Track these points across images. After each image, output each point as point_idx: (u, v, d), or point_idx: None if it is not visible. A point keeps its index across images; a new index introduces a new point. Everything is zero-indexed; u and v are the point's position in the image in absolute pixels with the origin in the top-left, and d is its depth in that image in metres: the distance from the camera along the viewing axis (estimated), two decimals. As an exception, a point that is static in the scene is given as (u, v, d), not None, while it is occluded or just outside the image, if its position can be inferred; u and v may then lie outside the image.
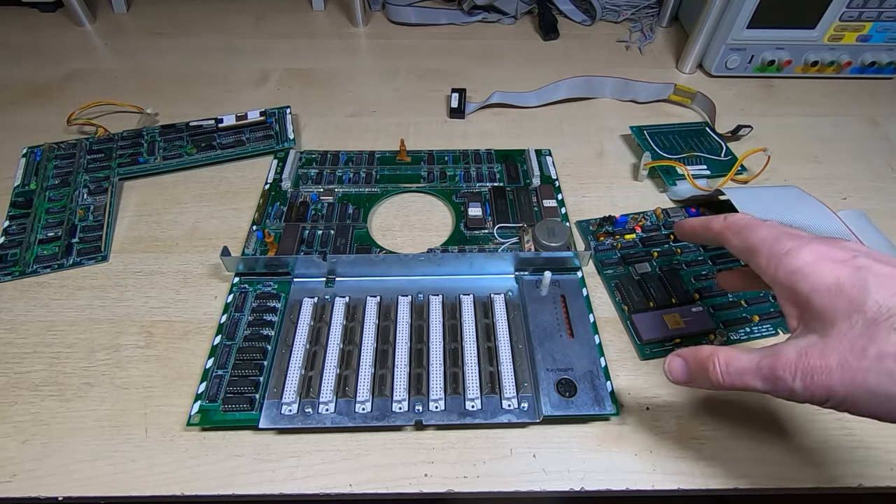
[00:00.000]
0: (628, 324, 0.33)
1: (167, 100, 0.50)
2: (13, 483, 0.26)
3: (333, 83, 0.53)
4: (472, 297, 0.33)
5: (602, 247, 0.37)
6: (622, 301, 0.34)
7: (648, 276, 0.34)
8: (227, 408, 0.28)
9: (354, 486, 0.26)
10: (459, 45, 0.59)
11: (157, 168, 0.42)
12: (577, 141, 0.47)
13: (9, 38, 0.58)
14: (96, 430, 0.28)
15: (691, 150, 0.43)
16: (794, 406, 0.29)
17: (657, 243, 0.37)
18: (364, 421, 0.28)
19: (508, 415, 0.28)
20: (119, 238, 0.38)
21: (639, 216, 0.39)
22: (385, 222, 0.39)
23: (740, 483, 0.27)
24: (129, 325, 0.33)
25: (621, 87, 0.50)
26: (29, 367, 0.31)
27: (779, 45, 0.51)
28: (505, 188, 0.41)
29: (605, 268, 0.36)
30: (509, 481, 0.27)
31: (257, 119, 0.45)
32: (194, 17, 0.62)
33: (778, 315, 0.33)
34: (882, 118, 0.49)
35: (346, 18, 0.62)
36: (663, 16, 0.61)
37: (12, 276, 0.35)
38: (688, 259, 0.36)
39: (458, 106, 0.48)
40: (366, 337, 0.31)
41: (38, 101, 0.50)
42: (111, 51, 0.57)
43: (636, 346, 0.32)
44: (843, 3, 0.47)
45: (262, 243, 0.37)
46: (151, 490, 0.26)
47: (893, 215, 0.40)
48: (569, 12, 0.63)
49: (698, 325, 0.32)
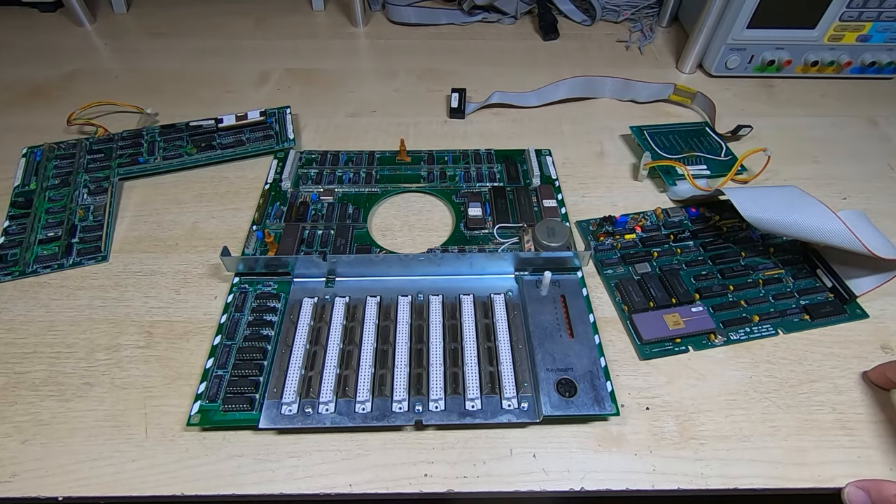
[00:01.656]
0: (628, 324, 0.33)
1: (167, 100, 0.50)
2: (13, 483, 0.26)
3: (333, 83, 0.53)
4: (472, 297, 0.33)
5: (602, 247, 0.37)
6: (622, 301, 0.34)
7: (648, 276, 0.34)
8: (227, 408, 0.28)
9: (354, 486, 0.26)
10: (459, 45, 0.59)
11: (157, 168, 0.42)
12: (577, 141, 0.46)
13: (9, 38, 0.58)
14: (96, 430, 0.28)
15: (691, 150, 0.43)
16: (793, 406, 0.29)
17: (657, 243, 0.37)
18: (364, 421, 0.28)
19: (508, 415, 0.28)
20: (119, 238, 0.38)
21: (639, 216, 0.39)
22: (385, 222, 0.39)
23: (740, 483, 0.27)
24: (129, 325, 0.33)
25: (621, 87, 0.50)
26: (29, 367, 0.31)
27: (779, 45, 0.51)
28: (505, 188, 0.41)
29: (605, 268, 0.36)
30: (509, 481, 0.27)
31: (257, 119, 0.45)
32: (194, 17, 0.62)
33: (778, 315, 0.33)
34: (882, 118, 0.49)
35: (346, 18, 0.62)
36: (663, 16, 0.61)
37: (12, 276, 0.35)
38: (688, 259, 0.36)
39: (458, 106, 0.48)
40: (366, 337, 0.31)
41: (38, 101, 0.50)
42: (111, 51, 0.57)
43: (636, 346, 0.32)
44: (843, 3, 0.47)
45: (262, 243, 0.37)
46: (151, 490, 0.26)
47: (893, 215, 0.40)
48: (569, 12, 0.63)
49: (698, 325, 0.32)
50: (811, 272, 0.35)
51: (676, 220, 0.39)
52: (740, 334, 0.32)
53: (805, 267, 0.35)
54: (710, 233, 0.37)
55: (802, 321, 0.33)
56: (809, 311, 0.33)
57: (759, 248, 0.36)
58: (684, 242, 0.37)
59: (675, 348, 0.32)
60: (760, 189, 0.35)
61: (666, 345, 0.32)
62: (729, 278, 0.35)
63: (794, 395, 0.30)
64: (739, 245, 0.36)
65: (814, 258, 0.35)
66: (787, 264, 0.35)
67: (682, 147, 0.43)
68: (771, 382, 0.30)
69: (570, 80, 0.50)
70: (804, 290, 0.34)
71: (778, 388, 0.30)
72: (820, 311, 0.33)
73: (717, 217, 0.38)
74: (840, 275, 0.34)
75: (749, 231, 0.37)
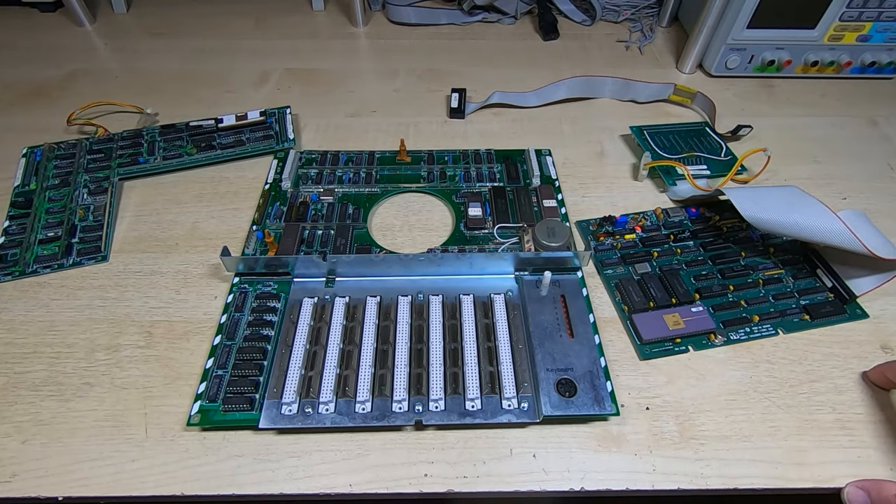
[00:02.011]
0: (628, 324, 0.33)
1: (167, 100, 0.50)
2: (13, 483, 0.26)
3: (333, 83, 0.53)
4: (472, 297, 0.33)
5: (602, 247, 0.37)
6: (622, 301, 0.34)
7: (648, 276, 0.34)
8: (227, 408, 0.28)
9: (354, 486, 0.26)
10: (459, 45, 0.59)
11: (157, 168, 0.42)
12: (577, 141, 0.46)
13: (9, 38, 0.58)
14: (96, 430, 0.28)
15: (691, 150, 0.43)
16: (793, 406, 0.29)
17: (657, 243, 0.37)
18: (364, 421, 0.28)
19: (508, 415, 0.28)
20: (119, 238, 0.38)
21: (639, 216, 0.39)
22: (385, 222, 0.39)
23: (740, 483, 0.27)
24: (129, 325, 0.33)
25: (621, 87, 0.50)
26: (29, 367, 0.31)
27: (779, 45, 0.51)
28: (505, 188, 0.41)
29: (605, 268, 0.36)
30: (509, 481, 0.27)
31: (257, 119, 0.45)
32: (194, 17, 0.62)
33: (778, 315, 0.33)
34: (882, 118, 0.49)
35: (346, 18, 0.62)
36: (663, 16, 0.61)
37: (12, 276, 0.35)
38: (688, 259, 0.36)
39: (458, 106, 0.48)
40: (366, 337, 0.31)
41: (38, 101, 0.50)
42: (111, 51, 0.57)
43: (636, 346, 0.32)
44: (843, 3, 0.47)
45: (262, 243, 0.37)
46: (151, 490, 0.26)
47: (893, 215, 0.40)
48: (569, 12, 0.63)
49: (698, 325, 0.32)
50: (811, 272, 0.35)
51: (676, 220, 0.39)
52: (740, 334, 0.32)
53: (805, 267, 0.35)
54: (710, 233, 0.37)
55: (802, 321, 0.33)
56: (809, 311, 0.33)
57: (759, 248, 0.36)
58: (684, 242, 0.37)
59: (676, 348, 0.32)
60: (760, 189, 0.35)
61: (666, 345, 0.32)
62: (729, 278, 0.35)
63: (794, 395, 0.30)
64: (739, 245, 0.36)
65: (814, 258, 0.35)
66: (787, 264, 0.35)
67: (682, 147, 0.43)
68: (771, 382, 0.30)
69: (569, 81, 0.50)
70: (804, 290, 0.34)
71: (778, 388, 0.30)
72: (820, 311, 0.33)
73: (717, 217, 0.38)
74: (840, 275, 0.34)
75: (749, 231, 0.37)
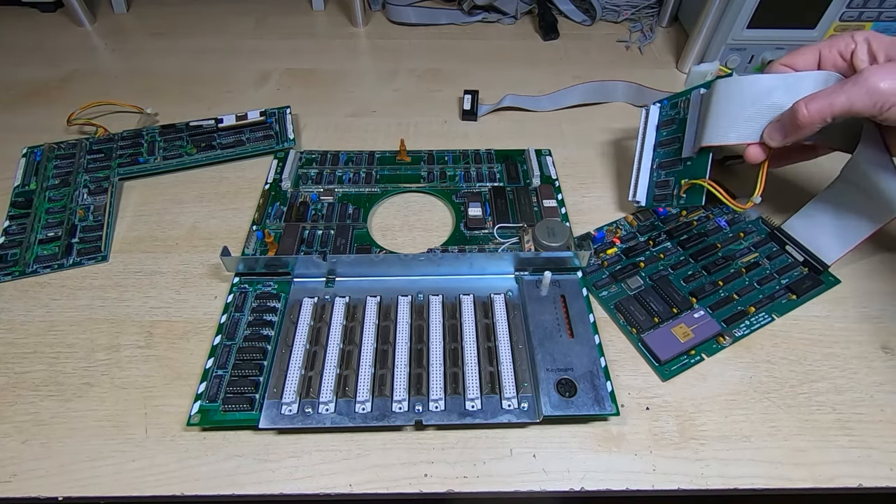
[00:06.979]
0: (640, 345, 0.32)
1: (167, 100, 0.50)
2: (13, 483, 0.26)
3: (333, 83, 0.53)
4: (472, 297, 0.33)
5: (589, 269, 0.36)
6: (627, 323, 0.33)
7: (643, 291, 0.34)
8: (227, 408, 0.28)
9: (354, 486, 0.26)
10: (459, 45, 0.59)
11: (157, 168, 0.42)
12: (577, 141, 0.46)
13: (9, 38, 0.58)
14: (96, 430, 0.28)
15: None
16: (793, 406, 0.29)
17: (639, 252, 0.36)
18: (364, 421, 0.28)
19: (508, 415, 0.28)
20: (119, 238, 0.38)
21: (613, 227, 0.38)
22: (385, 222, 0.39)
23: (740, 483, 0.27)
24: (129, 325, 0.33)
25: (635, 93, 0.50)
26: (29, 367, 0.31)
27: (779, 45, 0.51)
28: (505, 188, 0.41)
29: (599, 290, 0.34)
30: (509, 481, 0.27)
31: (257, 119, 0.45)
32: (194, 17, 0.62)
33: (768, 301, 0.33)
34: (882, 118, 0.49)
35: (346, 18, 0.62)
36: (663, 16, 0.61)
37: (12, 276, 0.35)
38: (672, 262, 0.36)
39: (471, 108, 0.48)
40: (366, 337, 0.31)
41: (38, 101, 0.50)
42: (111, 51, 0.57)
43: (655, 369, 0.31)
44: (843, 3, 0.47)
45: (262, 243, 0.37)
46: (151, 490, 0.26)
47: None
48: (569, 12, 0.63)
49: (706, 330, 0.31)
50: (781, 249, 0.36)
51: (648, 223, 0.38)
52: (743, 329, 0.32)
53: (774, 245, 0.36)
54: (682, 230, 0.37)
55: (791, 301, 0.34)
56: (793, 290, 0.34)
57: (728, 235, 0.37)
58: (663, 245, 0.37)
59: (691, 360, 0.31)
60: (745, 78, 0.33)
61: (682, 359, 0.31)
62: (714, 273, 0.35)
63: (794, 395, 0.30)
64: (711, 236, 0.37)
65: (779, 234, 0.36)
66: (758, 246, 0.37)
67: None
68: (771, 382, 0.30)
69: (583, 86, 0.49)
70: (782, 269, 0.35)
71: (778, 388, 0.30)
72: (802, 287, 0.34)
73: (683, 212, 0.38)
74: (807, 247, 0.35)
75: (716, 219, 0.38)
